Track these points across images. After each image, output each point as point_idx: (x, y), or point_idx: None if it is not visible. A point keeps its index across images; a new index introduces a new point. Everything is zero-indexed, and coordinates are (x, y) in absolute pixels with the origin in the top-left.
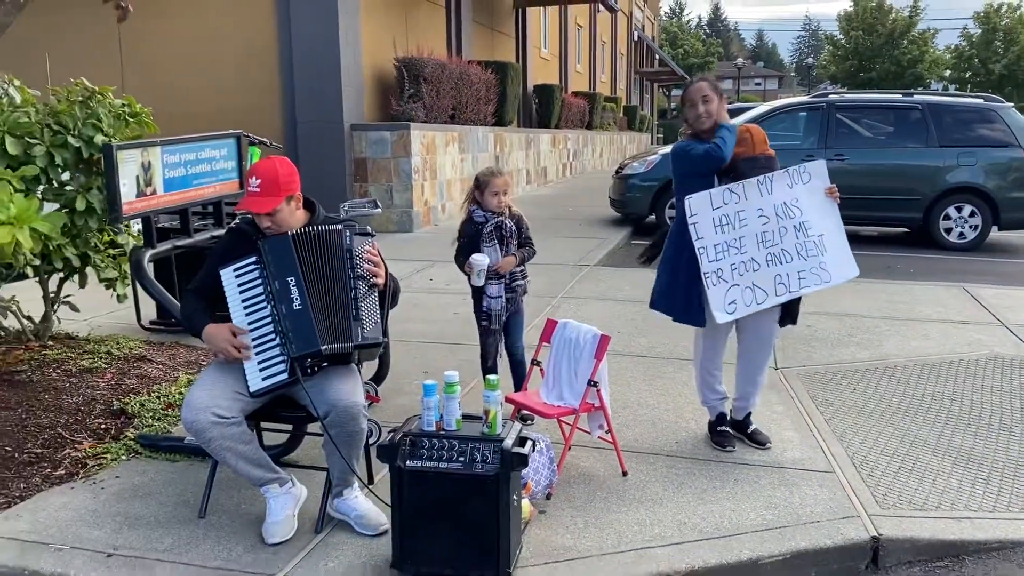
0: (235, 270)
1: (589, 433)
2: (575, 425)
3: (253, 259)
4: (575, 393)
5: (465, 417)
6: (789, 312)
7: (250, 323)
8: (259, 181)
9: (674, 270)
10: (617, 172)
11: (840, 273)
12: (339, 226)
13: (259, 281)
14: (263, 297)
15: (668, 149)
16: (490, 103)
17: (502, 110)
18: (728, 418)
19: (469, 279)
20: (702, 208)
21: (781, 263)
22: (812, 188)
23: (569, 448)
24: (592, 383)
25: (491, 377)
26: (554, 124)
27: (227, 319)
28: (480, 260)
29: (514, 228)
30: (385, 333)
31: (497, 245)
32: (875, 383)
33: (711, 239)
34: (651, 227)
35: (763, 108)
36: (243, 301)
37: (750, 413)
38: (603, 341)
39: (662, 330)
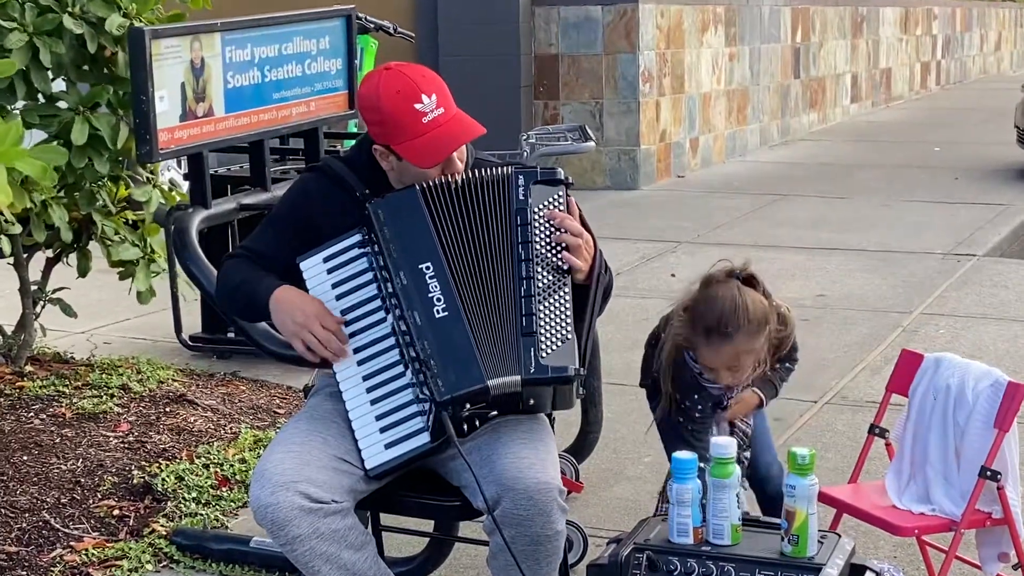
0: (327, 259)
1: (979, 568)
2: (953, 551)
3: (357, 238)
4: (954, 491)
5: (746, 522)
6: None
7: (358, 348)
8: (435, 95)
9: None
10: None
11: None
12: (507, 169)
13: (369, 275)
14: (378, 303)
15: None
16: None
17: None
18: None
19: None
20: None
21: None
22: None
23: None
24: (989, 473)
25: (799, 452)
26: None
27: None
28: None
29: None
30: (585, 360)
31: (723, 424)
32: None
33: None
34: None
35: None
36: (343, 311)
37: None
38: (1012, 393)
39: None
